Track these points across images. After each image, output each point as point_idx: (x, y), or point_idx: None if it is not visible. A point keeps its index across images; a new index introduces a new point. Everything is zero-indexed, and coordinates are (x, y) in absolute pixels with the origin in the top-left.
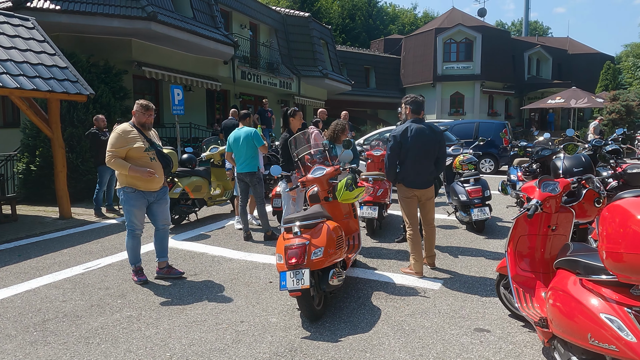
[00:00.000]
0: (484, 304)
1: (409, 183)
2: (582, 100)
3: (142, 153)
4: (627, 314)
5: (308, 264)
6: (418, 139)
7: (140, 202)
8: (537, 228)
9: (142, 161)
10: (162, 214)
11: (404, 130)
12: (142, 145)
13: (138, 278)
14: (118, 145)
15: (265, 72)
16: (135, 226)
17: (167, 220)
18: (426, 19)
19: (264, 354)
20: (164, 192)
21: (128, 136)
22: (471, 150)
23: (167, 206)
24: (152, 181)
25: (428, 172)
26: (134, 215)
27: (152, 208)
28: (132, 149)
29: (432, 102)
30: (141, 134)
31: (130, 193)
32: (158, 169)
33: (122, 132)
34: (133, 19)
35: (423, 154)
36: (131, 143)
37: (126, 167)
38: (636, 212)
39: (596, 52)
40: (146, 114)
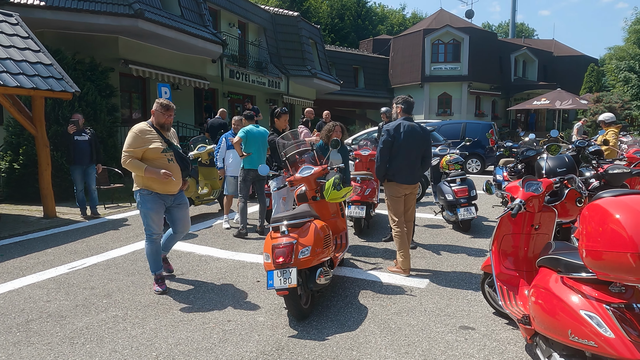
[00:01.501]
0: (469, 302)
1: (401, 179)
2: (567, 102)
3: (159, 154)
4: (605, 311)
5: (295, 263)
6: (410, 135)
7: (157, 205)
8: (520, 227)
9: (159, 162)
10: (182, 219)
11: (397, 125)
12: (159, 146)
13: (158, 287)
14: (135, 146)
15: (253, 71)
16: (153, 230)
17: (187, 228)
18: (415, 20)
19: (251, 352)
20: (182, 196)
21: (145, 136)
22: (458, 150)
23: (187, 211)
24: (169, 183)
25: (417, 168)
26: (151, 219)
27: (173, 212)
28: (149, 149)
29: (420, 103)
30: (159, 134)
31: (146, 195)
32: (176, 171)
33: (139, 131)
34: (120, 16)
35: (414, 150)
36: (148, 143)
37: (142, 168)
38: (614, 211)
39: (580, 55)
40: (166, 114)
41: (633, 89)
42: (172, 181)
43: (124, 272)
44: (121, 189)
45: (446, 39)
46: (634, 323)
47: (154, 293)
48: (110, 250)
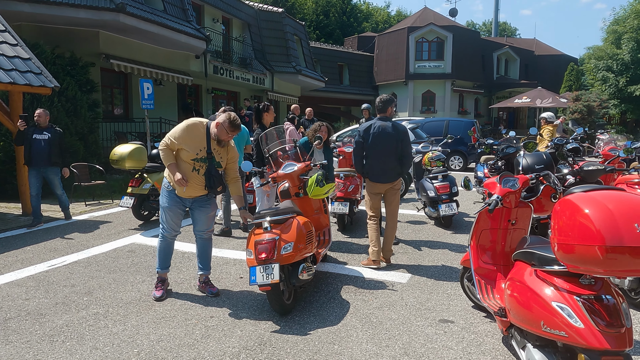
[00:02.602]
0: (449, 296)
1: (373, 177)
2: (547, 100)
3: (189, 160)
4: (576, 302)
5: (278, 259)
6: (379, 135)
7: (173, 203)
8: (498, 222)
9: (184, 167)
10: (200, 220)
11: (368, 126)
12: (194, 153)
13: (156, 293)
14: (177, 137)
15: (238, 67)
16: (165, 226)
17: (204, 227)
18: (399, 17)
19: (233, 348)
20: (205, 200)
21: (192, 134)
22: (440, 147)
23: (208, 213)
24: (182, 189)
25: (390, 167)
26: (165, 214)
27: (193, 213)
28: (183, 150)
29: (404, 100)
30: (207, 143)
31: (166, 189)
32: (195, 182)
33: (191, 127)
34: (100, 10)
35: (384, 149)
36: (187, 144)
37: (167, 162)
38: (584, 206)
39: (561, 54)
40: (230, 134)
41: (611, 88)
42: (187, 189)
43: (105, 270)
44: (102, 185)
45: (430, 37)
46: (602, 314)
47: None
48: (91, 248)
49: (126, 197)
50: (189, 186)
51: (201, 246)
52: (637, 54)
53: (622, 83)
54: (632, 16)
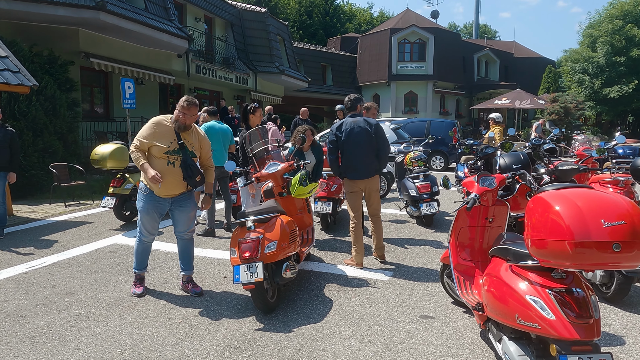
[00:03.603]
0: (430, 292)
1: (351, 175)
2: (526, 102)
3: (161, 154)
4: (548, 295)
5: (262, 258)
6: (352, 130)
7: (150, 206)
8: (476, 220)
9: (158, 162)
10: (180, 220)
11: (340, 124)
12: (165, 145)
13: (135, 290)
14: (144, 137)
15: (220, 67)
16: (142, 232)
17: (185, 228)
18: (382, 19)
19: (217, 346)
20: (184, 199)
21: (157, 130)
22: (421, 147)
23: (188, 213)
24: (161, 187)
25: (367, 162)
26: (142, 218)
27: (174, 214)
28: (154, 146)
29: (387, 101)
30: (177, 135)
31: (143, 192)
32: (174, 177)
33: (154, 123)
34: (80, 7)
35: (359, 145)
36: (157, 139)
37: (140, 162)
38: (555, 203)
39: (539, 56)
40: (187, 114)
41: (586, 90)
42: (166, 185)
43: (86, 270)
44: (83, 186)
45: (412, 38)
46: (573, 306)
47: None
48: (72, 249)
49: (107, 198)
50: (167, 183)
51: (183, 247)
52: (612, 57)
53: (598, 85)
54: (607, 20)
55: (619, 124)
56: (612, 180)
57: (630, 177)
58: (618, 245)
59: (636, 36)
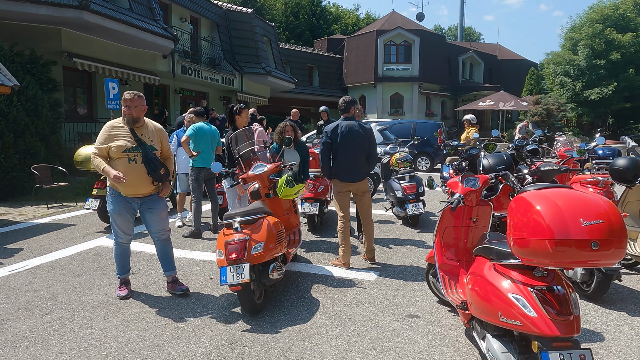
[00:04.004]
0: (416, 292)
1: (343, 177)
2: (509, 103)
3: (120, 153)
4: (530, 293)
5: (248, 259)
6: (348, 134)
7: (119, 207)
8: (460, 220)
9: (119, 162)
10: (152, 221)
11: (335, 126)
12: (122, 144)
13: (120, 292)
14: (101, 142)
15: (206, 68)
16: (118, 234)
17: (159, 228)
18: (368, 20)
19: (204, 348)
20: (153, 201)
21: (112, 132)
22: (407, 148)
23: (159, 216)
24: (127, 186)
25: (359, 166)
26: (114, 220)
27: (145, 216)
28: (111, 147)
29: (373, 102)
30: (131, 132)
31: (111, 195)
32: (137, 173)
33: (108, 127)
34: (63, 7)
35: (353, 148)
36: (112, 141)
37: (101, 167)
38: (536, 203)
39: (522, 59)
40: (124, 105)
41: (568, 92)
42: (128, 183)
43: (70, 273)
44: (66, 187)
45: (398, 40)
46: (554, 303)
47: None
48: (55, 252)
49: (91, 199)
50: (132, 181)
51: (161, 248)
52: (592, 60)
53: (579, 87)
54: (587, 24)
55: (599, 126)
56: (592, 180)
57: (609, 178)
58: (596, 244)
59: (615, 40)
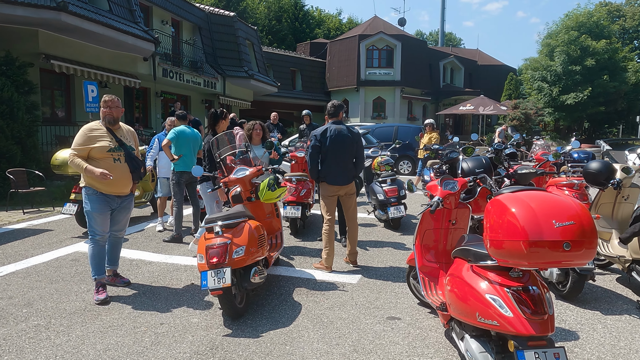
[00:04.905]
0: (397, 294)
1: (331, 180)
2: (489, 108)
3: (104, 153)
4: (506, 294)
5: (229, 263)
6: (337, 138)
7: (100, 206)
8: (439, 222)
9: (104, 162)
10: (121, 221)
11: (324, 130)
12: (105, 144)
13: (98, 296)
14: (80, 144)
15: (188, 71)
16: (96, 231)
17: (123, 227)
18: (350, 25)
19: (184, 353)
20: (129, 200)
21: (92, 134)
22: (389, 152)
23: (129, 214)
24: (111, 184)
25: (348, 169)
26: (93, 219)
27: (117, 215)
28: (94, 148)
29: (356, 106)
30: (110, 133)
31: (90, 195)
32: (122, 172)
33: (87, 129)
34: (40, 8)
35: (342, 152)
36: (94, 142)
37: (82, 166)
38: (511, 205)
39: (501, 64)
40: (105, 106)
41: (545, 97)
42: (118, 181)
43: (46, 280)
44: (42, 192)
45: (380, 45)
46: (529, 303)
47: (94, 302)
48: (31, 258)
49: (69, 204)
50: (118, 180)
51: (115, 244)
52: (568, 66)
53: (555, 92)
54: (563, 31)
55: (575, 130)
56: (568, 183)
57: (584, 180)
58: (568, 244)
59: (590, 46)
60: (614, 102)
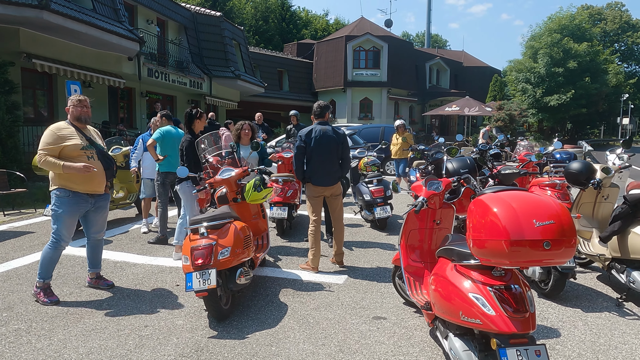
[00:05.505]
0: (383, 294)
1: (316, 181)
2: (474, 109)
3: (78, 151)
4: (489, 292)
5: (215, 264)
6: (322, 139)
7: (75, 208)
8: (424, 222)
9: (78, 161)
10: (98, 222)
11: (309, 131)
12: (78, 142)
13: (48, 299)
14: (50, 143)
15: (174, 71)
16: (63, 237)
17: (101, 228)
18: (337, 26)
19: (168, 356)
20: (105, 199)
21: (62, 133)
22: (375, 153)
23: (105, 214)
24: (92, 181)
25: (333, 170)
26: (64, 224)
27: (89, 215)
28: (67, 146)
29: (343, 107)
30: (79, 132)
31: (64, 197)
32: (98, 169)
33: (55, 129)
34: (21, 6)
35: (327, 153)
36: (66, 140)
37: (59, 164)
38: (493, 205)
39: (486, 66)
40: (79, 105)
41: (529, 98)
42: (95, 178)
43: (27, 283)
44: (24, 194)
45: (367, 46)
46: (511, 301)
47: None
48: (11, 260)
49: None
50: (95, 176)
51: (96, 247)
52: (551, 67)
53: (539, 94)
54: (546, 34)
55: (558, 130)
56: (550, 183)
57: (565, 180)
58: (548, 243)
59: (572, 49)
60: (596, 103)
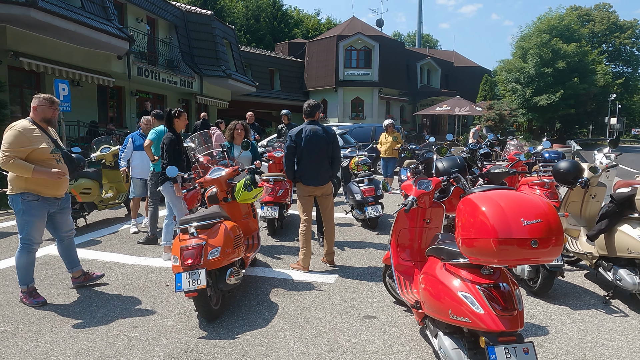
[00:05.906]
0: (373, 293)
1: (307, 180)
2: (465, 109)
3: (48, 155)
4: (478, 291)
5: (205, 264)
6: (312, 138)
7: (43, 212)
8: (414, 221)
9: (48, 164)
10: (64, 222)
11: (299, 130)
12: (47, 146)
13: (35, 300)
14: (18, 145)
15: (164, 70)
16: (34, 240)
17: (69, 227)
18: (329, 25)
19: (158, 357)
20: (67, 200)
21: (31, 135)
22: (366, 152)
23: (69, 213)
24: (59, 186)
25: (324, 169)
26: (35, 228)
27: (55, 218)
28: (37, 150)
29: (334, 106)
30: (45, 133)
31: (32, 201)
32: (65, 172)
33: (23, 129)
34: (8, 3)
35: (318, 152)
36: (36, 143)
37: (29, 169)
38: (481, 204)
39: (477, 66)
40: (52, 107)
41: (519, 98)
42: (64, 182)
43: (14, 284)
44: None
45: (358, 45)
46: (499, 300)
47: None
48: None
49: None
50: (64, 181)
51: (70, 245)
52: (540, 68)
53: (529, 94)
54: (536, 34)
55: (548, 130)
56: (539, 182)
57: (554, 179)
58: (536, 242)
59: (561, 49)
60: (584, 103)
